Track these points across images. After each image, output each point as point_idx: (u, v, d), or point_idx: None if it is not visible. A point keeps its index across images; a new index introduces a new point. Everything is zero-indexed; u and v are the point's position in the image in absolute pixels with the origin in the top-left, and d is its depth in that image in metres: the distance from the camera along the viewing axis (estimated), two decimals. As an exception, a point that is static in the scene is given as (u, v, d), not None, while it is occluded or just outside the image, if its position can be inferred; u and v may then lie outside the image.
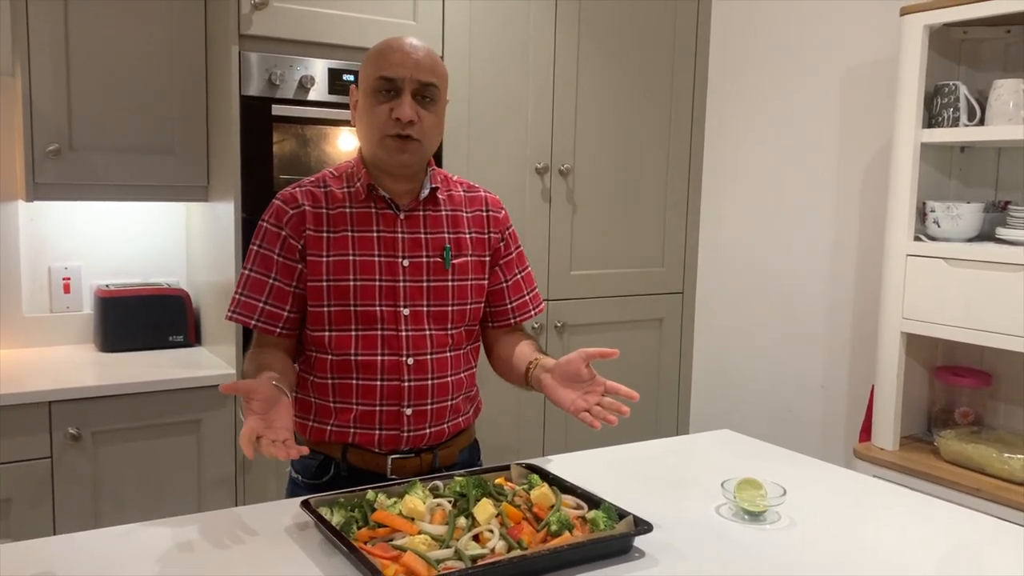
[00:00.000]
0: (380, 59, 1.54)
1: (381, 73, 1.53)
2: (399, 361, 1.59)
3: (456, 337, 1.66)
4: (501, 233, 1.72)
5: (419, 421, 1.62)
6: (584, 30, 2.99)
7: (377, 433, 1.61)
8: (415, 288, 1.61)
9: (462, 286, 1.65)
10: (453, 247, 1.64)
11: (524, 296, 1.77)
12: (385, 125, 1.53)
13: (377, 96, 1.54)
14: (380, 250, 1.59)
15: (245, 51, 2.38)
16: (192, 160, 2.56)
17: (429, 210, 1.64)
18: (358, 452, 1.62)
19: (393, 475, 1.61)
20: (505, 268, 1.73)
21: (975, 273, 2.16)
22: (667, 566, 1.29)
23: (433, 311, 1.62)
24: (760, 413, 3.17)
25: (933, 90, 2.30)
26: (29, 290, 2.65)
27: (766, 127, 3.10)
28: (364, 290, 1.58)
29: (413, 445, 1.63)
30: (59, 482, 2.20)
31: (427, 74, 1.54)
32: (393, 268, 1.60)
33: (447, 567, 1.19)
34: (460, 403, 1.69)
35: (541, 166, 2.94)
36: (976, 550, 1.41)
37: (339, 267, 1.58)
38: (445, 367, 1.64)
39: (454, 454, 1.70)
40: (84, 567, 1.23)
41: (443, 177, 1.69)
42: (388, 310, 1.59)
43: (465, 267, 1.66)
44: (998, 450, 2.17)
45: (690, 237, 3.35)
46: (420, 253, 1.62)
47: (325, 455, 1.64)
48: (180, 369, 2.42)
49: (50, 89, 2.36)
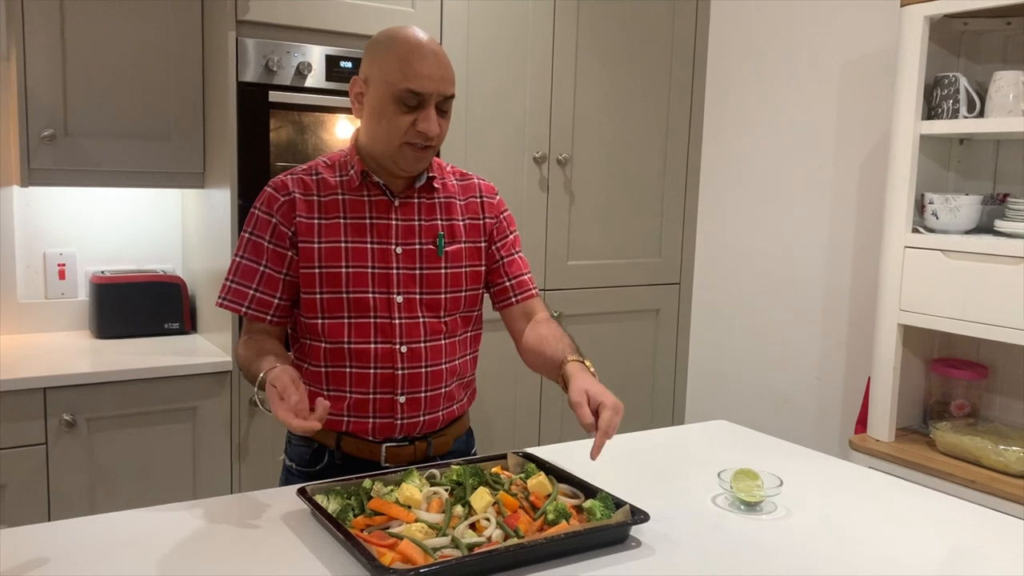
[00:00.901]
0: (407, 68, 1.50)
1: (409, 86, 1.49)
2: (392, 349, 1.59)
3: (451, 324, 1.65)
4: (496, 217, 1.72)
5: (413, 409, 1.61)
6: (583, 19, 2.97)
7: (371, 421, 1.61)
8: (408, 275, 1.60)
9: (456, 273, 1.65)
10: (447, 234, 1.64)
11: (524, 275, 1.74)
12: (407, 135, 1.52)
13: (400, 105, 1.51)
14: (373, 237, 1.59)
15: (242, 37, 2.36)
16: (188, 146, 2.55)
17: (423, 197, 1.64)
18: (352, 440, 1.62)
19: (387, 463, 1.61)
20: (501, 248, 1.72)
21: (973, 266, 2.16)
22: (663, 555, 1.29)
23: (426, 299, 1.62)
24: (756, 404, 3.17)
25: (933, 82, 2.30)
26: (24, 276, 2.64)
27: (765, 118, 3.09)
28: (356, 277, 1.58)
29: (407, 433, 1.63)
30: (54, 468, 2.20)
31: (450, 86, 1.54)
32: (386, 255, 1.59)
33: (444, 555, 1.19)
34: (454, 390, 1.68)
35: (539, 155, 2.93)
36: (972, 542, 1.41)
37: (331, 254, 1.57)
38: (439, 354, 1.63)
39: (448, 442, 1.70)
40: (79, 553, 1.23)
41: (437, 165, 1.68)
42: (381, 297, 1.58)
43: (459, 254, 1.65)
44: (994, 442, 2.17)
45: (687, 228, 3.34)
46: (413, 240, 1.61)
47: (319, 443, 1.64)
48: (175, 356, 2.41)
49: (45, 74, 2.34)
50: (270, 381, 1.37)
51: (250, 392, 2.45)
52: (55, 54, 2.35)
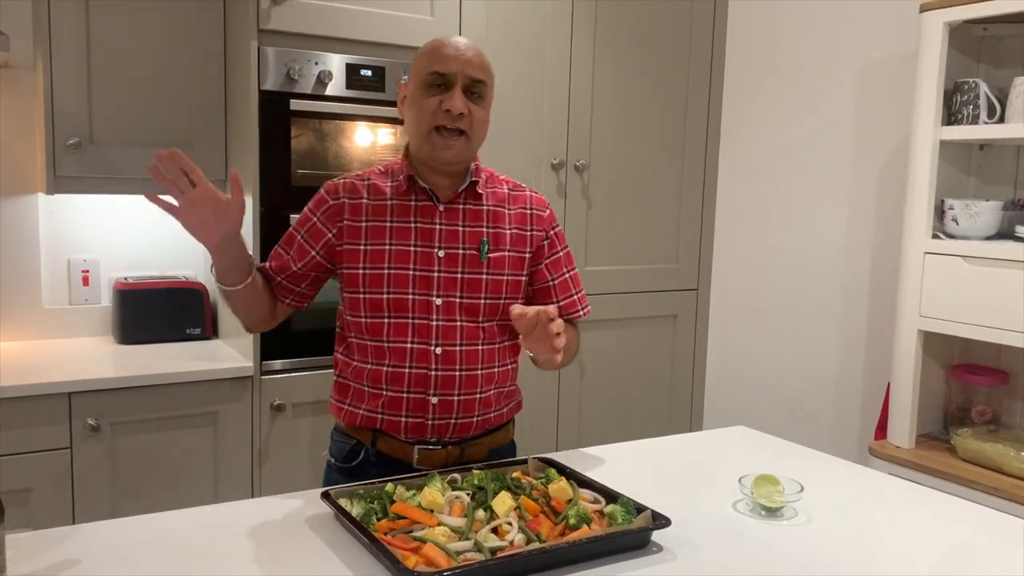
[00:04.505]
0: (432, 55, 1.59)
1: (433, 68, 1.57)
2: (427, 349, 1.62)
3: (488, 331, 1.67)
4: (545, 232, 1.75)
5: (445, 411, 1.64)
6: (600, 26, 2.99)
7: (403, 420, 1.64)
8: (449, 279, 1.64)
9: (497, 280, 1.67)
10: (491, 241, 1.67)
11: (572, 295, 1.79)
12: (434, 116, 1.57)
13: (428, 89, 1.58)
14: (416, 240, 1.64)
15: (263, 46, 2.39)
16: (211, 154, 2.57)
17: (470, 204, 1.67)
18: (387, 439, 1.66)
19: (419, 465, 1.64)
20: (552, 267, 1.76)
21: (993, 271, 2.15)
22: (684, 560, 1.29)
23: (465, 303, 1.65)
24: (774, 410, 3.16)
25: (952, 87, 2.29)
26: (49, 282, 2.67)
27: (783, 124, 3.09)
28: (398, 278, 1.62)
29: (439, 436, 1.65)
30: (78, 472, 2.22)
31: (477, 71, 1.59)
32: (428, 258, 1.63)
33: (467, 559, 1.20)
34: (491, 397, 1.70)
35: (557, 162, 2.95)
36: (993, 549, 1.40)
37: (375, 256, 1.63)
38: (475, 359, 1.66)
39: (483, 451, 1.71)
40: (104, 555, 1.24)
41: (488, 174, 1.73)
42: (420, 299, 1.63)
43: (502, 261, 1.68)
44: (1015, 449, 2.16)
45: (705, 234, 3.34)
46: (456, 245, 1.65)
47: (357, 440, 1.69)
48: (197, 361, 2.44)
49: (71, 84, 2.38)
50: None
51: (271, 398, 2.49)
52: (80, 64, 2.38)
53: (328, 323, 2.55)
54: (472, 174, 1.67)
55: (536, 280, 1.75)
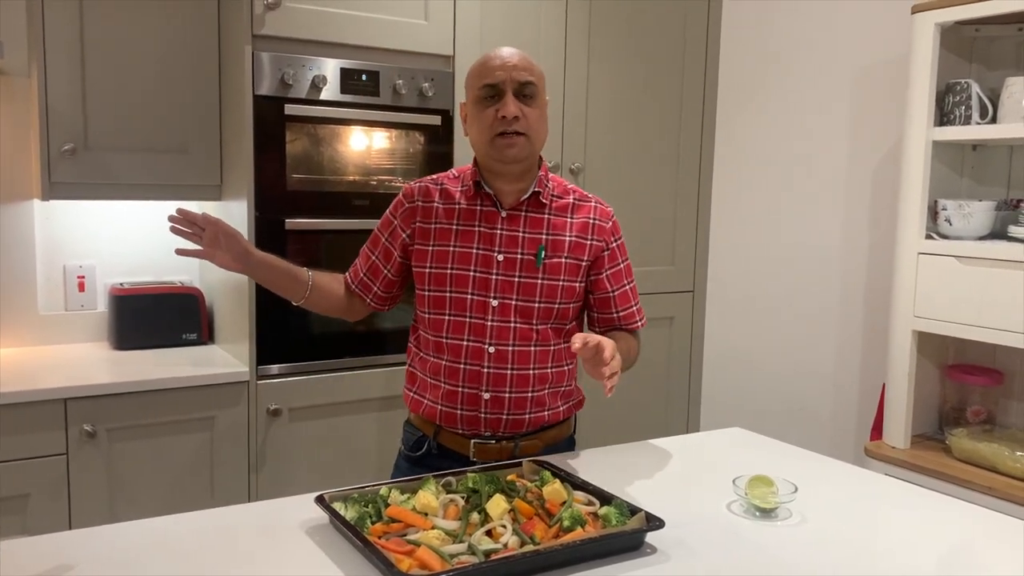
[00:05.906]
0: (481, 70, 1.69)
1: (484, 82, 1.67)
2: (481, 348, 1.71)
3: (542, 333, 1.73)
4: (606, 243, 1.80)
5: (496, 407, 1.73)
6: (594, 29, 2.99)
7: (459, 413, 1.74)
8: (506, 282, 1.71)
9: (552, 285, 1.73)
10: (549, 248, 1.73)
11: (632, 307, 1.84)
12: (493, 125, 1.67)
13: (483, 103, 1.68)
14: (479, 243, 1.73)
15: (258, 51, 2.39)
16: (206, 159, 2.58)
17: (532, 211, 1.75)
18: (447, 433, 1.77)
19: (476, 459, 1.73)
20: (612, 278, 1.81)
21: (987, 271, 2.16)
22: (679, 562, 1.29)
23: (520, 305, 1.72)
24: (770, 411, 3.17)
25: (945, 88, 2.30)
26: (44, 288, 2.67)
27: (777, 125, 3.10)
28: (459, 278, 1.72)
29: (492, 430, 1.74)
30: (75, 478, 2.22)
31: (523, 73, 1.68)
32: (488, 261, 1.72)
33: (461, 562, 1.20)
34: (545, 396, 1.76)
35: (552, 164, 2.95)
36: (989, 549, 1.41)
37: (440, 256, 1.73)
38: (527, 359, 1.73)
39: (537, 446, 1.78)
40: (101, 561, 1.25)
41: (557, 183, 1.79)
42: (478, 299, 1.71)
43: (558, 267, 1.73)
44: (1010, 448, 2.16)
45: (700, 236, 3.35)
46: (515, 250, 1.72)
47: (422, 433, 1.80)
48: (193, 367, 2.44)
49: (65, 89, 2.38)
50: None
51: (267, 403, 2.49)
52: (75, 70, 2.38)
53: (324, 328, 2.57)
54: (536, 184, 1.73)
55: (596, 290, 1.80)
